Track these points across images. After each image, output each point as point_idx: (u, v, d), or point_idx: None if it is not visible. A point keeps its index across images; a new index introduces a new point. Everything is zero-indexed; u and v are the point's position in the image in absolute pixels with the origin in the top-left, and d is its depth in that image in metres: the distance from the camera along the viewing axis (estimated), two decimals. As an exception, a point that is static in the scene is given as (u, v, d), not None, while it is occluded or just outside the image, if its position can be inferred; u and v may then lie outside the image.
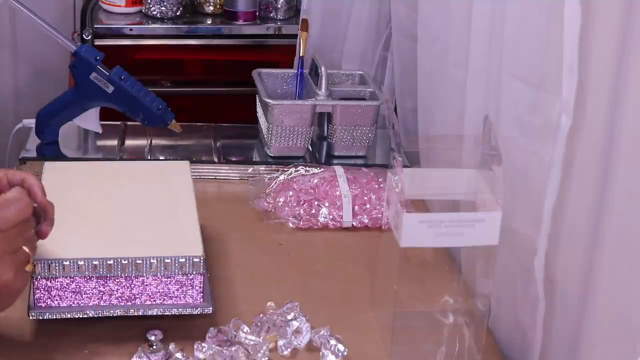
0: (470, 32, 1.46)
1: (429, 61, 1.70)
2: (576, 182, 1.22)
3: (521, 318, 1.35)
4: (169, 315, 1.33)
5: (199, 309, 1.33)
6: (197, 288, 1.33)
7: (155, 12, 2.41)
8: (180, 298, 1.33)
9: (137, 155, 1.86)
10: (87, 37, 2.30)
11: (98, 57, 1.77)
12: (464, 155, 1.46)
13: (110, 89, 1.77)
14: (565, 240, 1.26)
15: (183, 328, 1.34)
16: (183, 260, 1.31)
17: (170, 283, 1.32)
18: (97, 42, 2.33)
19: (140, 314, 1.32)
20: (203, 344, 1.29)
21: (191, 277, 1.32)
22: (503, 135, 1.31)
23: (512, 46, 1.31)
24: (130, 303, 1.32)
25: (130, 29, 2.39)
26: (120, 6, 2.42)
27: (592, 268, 1.19)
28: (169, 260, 1.31)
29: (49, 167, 1.52)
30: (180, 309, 1.32)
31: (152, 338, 1.28)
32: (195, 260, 1.32)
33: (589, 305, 1.20)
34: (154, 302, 1.33)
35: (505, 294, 1.39)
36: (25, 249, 1.19)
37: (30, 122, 1.85)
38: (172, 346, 1.28)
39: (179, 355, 1.27)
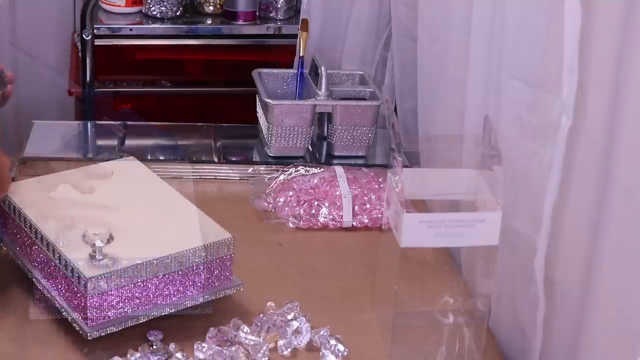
0: (470, 32, 1.46)
1: (429, 61, 1.70)
2: (576, 182, 1.22)
3: (521, 318, 1.35)
4: (168, 315, 1.33)
5: (236, 287, 1.38)
6: (229, 268, 1.37)
7: (155, 12, 2.41)
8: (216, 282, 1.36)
9: (137, 155, 1.86)
10: (87, 37, 2.30)
11: None
12: (464, 155, 1.46)
13: None
14: (565, 240, 1.26)
15: (183, 328, 1.34)
16: (217, 244, 1.35)
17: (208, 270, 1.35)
18: (97, 42, 2.33)
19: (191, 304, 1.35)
20: (203, 344, 1.29)
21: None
22: (503, 135, 1.31)
23: (512, 46, 1.31)
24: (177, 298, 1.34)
25: (130, 29, 2.39)
26: (120, 6, 2.42)
27: (592, 268, 1.19)
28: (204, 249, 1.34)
29: (15, 187, 1.47)
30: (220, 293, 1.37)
31: (152, 338, 1.28)
32: (228, 239, 1.36)
33: (589, 305, 1.20)
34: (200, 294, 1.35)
35: (505, 294, 1.39)
36: None
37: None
38: (172, 346, 1.28)
39: (179, 355, 1.27)
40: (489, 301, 1.33)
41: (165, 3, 2.41)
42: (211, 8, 2.46)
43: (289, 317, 1.34)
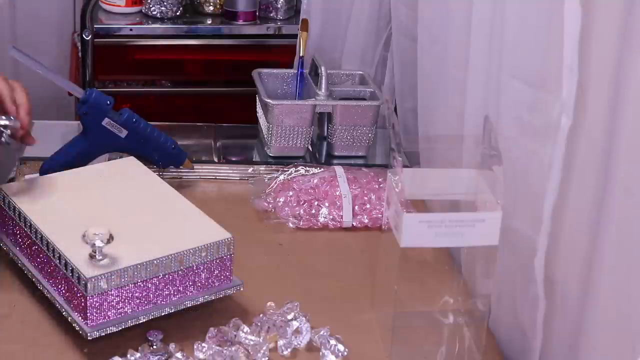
0: (470, 32, 1.46)
1: (429, 61, 1.70)
2: (576, 182, 1.22)
3: (521, 318, 1.35)
4: (168, 315, 1.33)
5: (236, 287, 1.39)
6: (230, 268, 1.38)
7: (155, 12, 2.41)
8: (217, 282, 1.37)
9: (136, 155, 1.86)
10: (87, 37, 2.30)
11: (109, 102, 1.63)
12: (464, 155, 1.46)
13: (123, 133, 1.64)
14: (565, 240, 1.26)
15: (183, 328, 1.34)
16: (217, 244, 1.35)
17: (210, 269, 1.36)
18: (97, 42, 2.33)
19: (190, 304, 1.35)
20: (203, 344, 1.29)
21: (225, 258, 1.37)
22: (503, 135, 1.31)
23: (512, 46, 1.31)
24: (178, 298, 1.34)
25: (130, 29, 2.39)
26: (120, 6, 2.42)
27: (592, 268, 1.19)
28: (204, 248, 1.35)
29: (15, 187, 1.48)
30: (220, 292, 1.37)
31: (152, 338, 1.28)
32: (228, 239, 1.36)
33: (589, 305, 1.20)
34: (199, 292, 1.36)
35: (505, 294, 1.39)
36: None
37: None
38: (172, 346, 1.28)
39: (179, 355, 1.27)
40: (489, 301, 1.33)
41: (165, 3, 2.41)
42: (211, 8, 2.46)
43: (289, 317, 1.34)
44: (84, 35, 2.31)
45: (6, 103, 1.45)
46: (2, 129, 1.43)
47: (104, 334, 1.28)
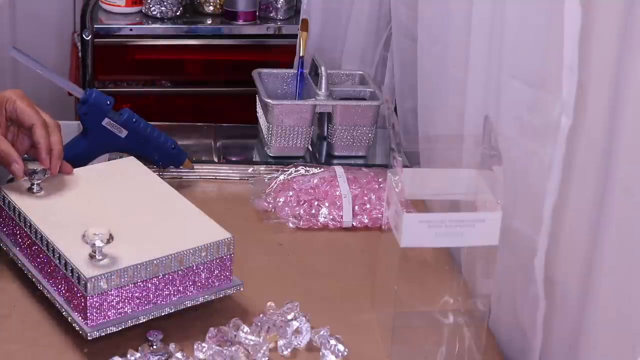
0: (470, 32, 1.46)
1: (429, 61, 1.70)
2: (576, 182, 1.22)
3: (521, 318, 1.35)
4: (168, 315, 1.33)
5: (236, 287, 1.38)
6: (230, 268, 1.38)
7: (155, 12, 2.41)
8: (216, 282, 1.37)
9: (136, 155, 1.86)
10: (87, 37, 2.30)
11: (109, 102, 1.64)
12: (464, 155, 1.46)
13: (123, 133, 1.66)
14: (565, 240, 1.26)
15: (183, 328, 1.34)
16: (217, 244, 1.35)
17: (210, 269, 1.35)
18: (97, 42, 2.33)
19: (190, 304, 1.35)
20: (203, 344, 1.29)
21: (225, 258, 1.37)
22: (503, 135, 1.31)
23: (512, 46, 1.31)
24: (178, 297, 1.34)
25: (130, 29, 2.39)
26: (120, 6, 2.42)
27: (592, 268, 1.19)
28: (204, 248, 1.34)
29: (15, 187, 1.47)
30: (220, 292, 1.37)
31: (152, 338, 1.28)
32: (228, 239, 1.36)
33: (589, 305, 1.20)
34: (200, 292, 1.35)
35: (505, 294, 1.39)
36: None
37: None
38: (172, 346, 1.28)
39: (179, 355, 1.27)
40: (489, 301, 1.33)
41: (165, 3, 2.41)
42: (211, 8, 2.46)
43: (289, 317, 1.34)
44: (84, 35, 2.31)
45: (41, 154, 1.46)
46: (34, 181, 1.45)
47: (104, 334, 1.28)
